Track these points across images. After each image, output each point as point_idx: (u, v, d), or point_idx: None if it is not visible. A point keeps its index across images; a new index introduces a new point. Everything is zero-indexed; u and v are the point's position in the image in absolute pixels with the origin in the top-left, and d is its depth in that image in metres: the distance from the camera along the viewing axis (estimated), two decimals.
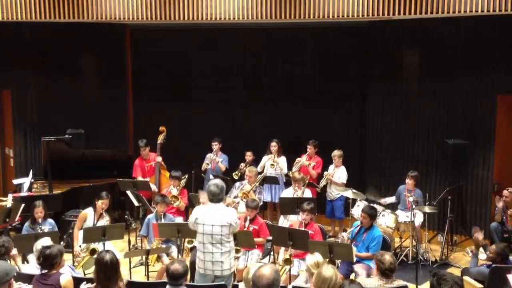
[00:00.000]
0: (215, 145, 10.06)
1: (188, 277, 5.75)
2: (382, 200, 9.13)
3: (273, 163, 9.66)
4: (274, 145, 9.77)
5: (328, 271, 4.71)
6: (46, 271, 5.37)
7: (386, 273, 5.39)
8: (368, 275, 6.58)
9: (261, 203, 9.08)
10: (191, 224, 6.02)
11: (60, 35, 10.37)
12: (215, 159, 9.97)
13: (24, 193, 9.26)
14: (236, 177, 9.60)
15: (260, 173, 9.41)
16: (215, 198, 5.91)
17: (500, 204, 8.49)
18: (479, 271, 6.65)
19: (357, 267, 6.27)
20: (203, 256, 5.87)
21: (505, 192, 8.54)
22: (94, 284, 5.10)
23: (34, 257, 6.21)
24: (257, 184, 9.09)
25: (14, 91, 10.74)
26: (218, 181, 6.09)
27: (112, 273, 5.00)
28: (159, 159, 9.65)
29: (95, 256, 6.57)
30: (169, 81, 11.12)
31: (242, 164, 9.76)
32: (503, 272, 5.96)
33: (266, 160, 9.83)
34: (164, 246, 7.53)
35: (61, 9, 9.34)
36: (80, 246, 7.46)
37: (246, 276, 4.78)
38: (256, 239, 7.23)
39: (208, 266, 5.84)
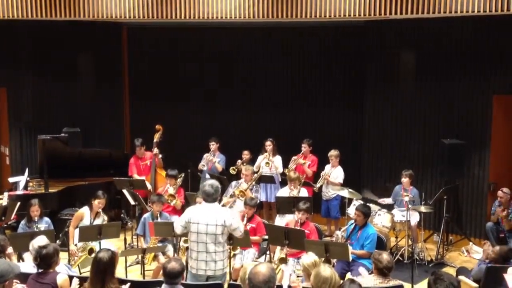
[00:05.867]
0: (212, 145, 10.03)
1: (185, 275, 5.76)
2: (381, 200, 9.15)
3: (268, 161, 9.66)
4: (268, 144, 9.77)
5: (327, 270, 4.72)
6: (42, 270, 5.36)
7: (383, 271, 5.41)
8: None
9: (258, 202, 9.09)
10: (182, 225, 6.00)
11: (56, 34, 10.35)
12: (212, 160, 9.96)
13: (20, 192, 9.23)
14: (233, 172, 9.62)
15: (256, 172, 9.41)
16: (210, 198, 5.93)
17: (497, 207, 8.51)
18: (480, 269, 6.62)
19: (362, 270, 6.29)
20: (196, 256, 5.88)
21: (499, 193, 8.57)
22: (88, 282, 5.09)
23: (30, 255, 6.21)
24: (254, 182, 9.10)
25: (10, 89, 10.70)
26: (213, 181, 6.11)
27: (103, 271, 4.97)
28: (156, 150, 9.60)
29: (92, 255, 6.56)
30: (166, 80, 11.11)
31: (239, 161, 9.77)
32: (499, 272, 5.98)
33: (261, 159, 9.82)
34: (160, 245, 7.52)
35: (57, 7, 9.32)
36: (76, 245, 7.44)
37: (243, 275, 4.78)
38: (252, 237, 7.24)
39: (201, 265, 5.85)
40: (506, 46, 8.72)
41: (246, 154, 9.95)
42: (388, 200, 9.15)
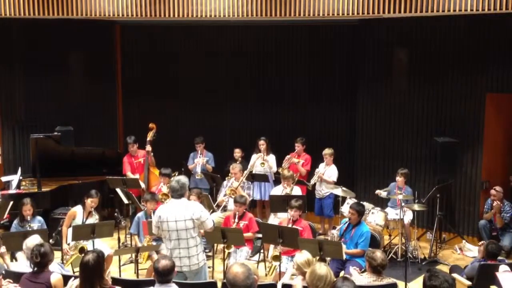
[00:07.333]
0: (199, 147, 9.99)
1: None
2: (377, 191, 9.17)
3: (263, 162, 9.66)
4: (262, 143, 9.76)
5: (322, 268, 4.74)
6: (36, 269, 5.32)
7: (377, 269, 5.43)
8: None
9: (250, 199, 9.08)
10: (155, 224, 6.04)
11: (48, 32, 10.30)
12: (203, 162, 9.92)
13: (12, 191, 9.20)
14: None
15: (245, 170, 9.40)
16: (175, 194, 5.94)
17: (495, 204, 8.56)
18: (473, 267, 6.65)
19: (352, 269, 6.30)
20: (170, 253, 5.89)
21: (492, 191, 8.60)
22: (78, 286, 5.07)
23: (23, 255, 6.19)
24: (244, 180, 9.08)
25: (2, 87, 10.63)
26: (180, 177, 6.13)
27: (91, 274, 4.93)
28: (149, 148, 9.58)
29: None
30: (159, 79, 11.08)
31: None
32: (491, 270, 6.01)
33: (255, 159, 9.81)
34: (154, 243, 7.51)
35: (49, 5, 9.27)
36: (68, 244, 7.42)
37: None
38: (245, 234, 7.24)
39: (176, 262, 5.81)
40: (499, 44, 8.75)
41: (237, 152, 9.91)
42: (384, 193, 9.16)
